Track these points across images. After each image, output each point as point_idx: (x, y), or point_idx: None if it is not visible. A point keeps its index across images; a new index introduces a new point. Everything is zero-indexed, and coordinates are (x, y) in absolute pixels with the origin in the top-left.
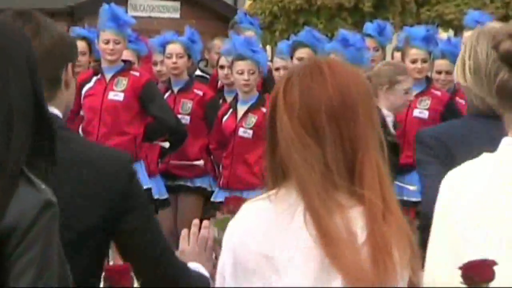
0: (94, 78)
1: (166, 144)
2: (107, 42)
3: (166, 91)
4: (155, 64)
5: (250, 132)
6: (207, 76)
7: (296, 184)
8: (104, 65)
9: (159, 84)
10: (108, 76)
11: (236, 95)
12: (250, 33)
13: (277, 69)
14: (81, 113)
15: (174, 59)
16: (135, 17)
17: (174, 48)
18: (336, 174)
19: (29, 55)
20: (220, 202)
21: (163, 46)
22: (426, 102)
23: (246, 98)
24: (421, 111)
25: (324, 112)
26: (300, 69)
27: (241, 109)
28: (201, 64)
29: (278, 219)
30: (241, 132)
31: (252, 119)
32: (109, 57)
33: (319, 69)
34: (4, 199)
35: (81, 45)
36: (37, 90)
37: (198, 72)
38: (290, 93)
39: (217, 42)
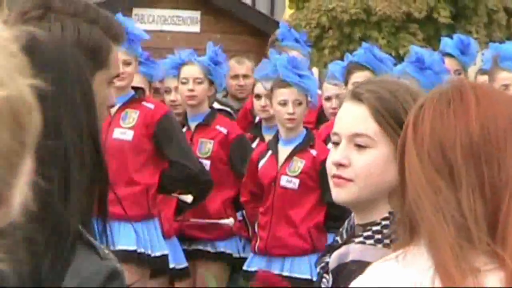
0: None
1: (188, 198)
2: None
3: (181, 127)
4: (168, 92)
5: (296, 181)
6: (227, 109)
7: (425, 238)
8: None
9: None
10: (113, 108)
11: (277, 132)
12: (295, 53)
13: (328, 98)
14: None
15: (190, 86)
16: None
17: (191, 71)
18: (474, 227)
19: (86, 86)
20: (256, 272)
21: (177, 68)
22: None
23: (290, 136)
24: None
25: (460, 148)
26: (436, 94)
27: (284, 151)
28: (219, 94)
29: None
30: (283, 181)
31: (299, 164)
32: (118, 83)
33: (460, 94)
34: (60, 267)
35: None
36: (93, 130)
37: (216, 105)
38: (422, 123)
39: (232, 63)
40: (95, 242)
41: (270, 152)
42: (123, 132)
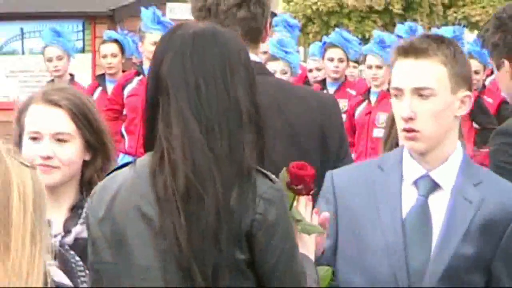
0: (136, 79)
1: None
2: (155, 44)
3: None
4: None
5: None
6: None
7: None
8: (146, 65)
9: None
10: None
11: None
12: (279, 35)
13: (310, 70)
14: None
15: None
16: (173, 20)
17: None
18: None
19: (246, 61)
20: None
21: None
22: None
23: None
24: None
25: None
26: None
27: None
28: None
29: None
30: None
31: None
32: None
33: None
34: (249, 196)
35: (112, 47)
36: (254, 101)
37: None
38: None
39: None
40: (267, 172)
41: None
42: None
